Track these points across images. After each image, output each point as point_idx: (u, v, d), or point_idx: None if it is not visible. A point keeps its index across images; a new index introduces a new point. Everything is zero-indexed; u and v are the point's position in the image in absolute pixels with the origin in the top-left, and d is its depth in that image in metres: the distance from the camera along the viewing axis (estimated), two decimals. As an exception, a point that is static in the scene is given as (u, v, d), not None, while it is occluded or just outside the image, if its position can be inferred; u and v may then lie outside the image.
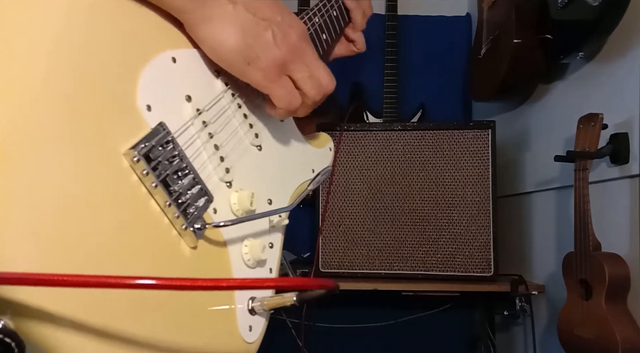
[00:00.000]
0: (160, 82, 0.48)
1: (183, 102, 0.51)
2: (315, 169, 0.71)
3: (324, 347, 1.62)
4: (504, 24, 1.43)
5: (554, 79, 1.38)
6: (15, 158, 0.34)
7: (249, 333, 0.53)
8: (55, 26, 0.39)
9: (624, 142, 1.05)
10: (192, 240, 0.48)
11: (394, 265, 1.37)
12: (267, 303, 0.53)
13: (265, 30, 0.53)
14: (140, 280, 0.33)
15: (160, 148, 0.46)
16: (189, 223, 0.48)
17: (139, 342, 0.40)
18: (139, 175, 0.44)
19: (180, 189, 0.47)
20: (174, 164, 0.47)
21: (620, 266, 1.02)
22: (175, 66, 0.50)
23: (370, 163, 1.40)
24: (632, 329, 0.99)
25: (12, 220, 0.34)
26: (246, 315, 0.53)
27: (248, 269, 0.56)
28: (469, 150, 1.37)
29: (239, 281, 0.43)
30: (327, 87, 0.60)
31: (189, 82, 0.52)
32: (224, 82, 0.57)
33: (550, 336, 1.33)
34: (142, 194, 0.44)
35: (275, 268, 0.60)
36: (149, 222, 0.45)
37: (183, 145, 0.49)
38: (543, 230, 1.44)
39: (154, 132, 0.46)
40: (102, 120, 0.41)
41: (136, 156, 0.43)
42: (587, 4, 1.04)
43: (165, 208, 0.46)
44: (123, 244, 0.41)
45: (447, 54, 1.92)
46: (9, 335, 0.32)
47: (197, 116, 0.52)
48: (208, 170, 0.52)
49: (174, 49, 0.51)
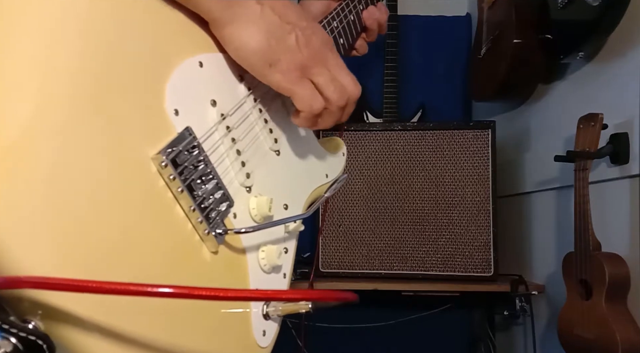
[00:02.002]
0: (187, 87, 0.48)
1: (208, 107, 0.51)
2: (328, 174, 0.71)
3: (324, 347, 1.62)
4: (504, 24, 1.43)
5: (554, 79, 1.38)
6: (41, 159, 0.34)
7: (262, 338, 0.53)
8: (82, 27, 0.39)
9: (624, 142, 1.05)
10: (214, 244, 0.48)
11: (394, 265, 1.37)
12: (282, 309, 0.53)
13: (289, 33, 0.53)
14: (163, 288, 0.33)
15: (187, 152, 0.46)
16: (211, 227, 0.48)
17: (161, 347, 0.40)
18: (166, 180, 0.44)
19: (204, 194, 0.48)
20: (199, 170, 0.47)
21: (620, 266, 1.02)
22: (201, 71, 0.51)
23: (370, 163, 1.40)
24: (632, 329, 0.99)
25: (37, 224, 0.33)
26: (260, 320, 0.53)
27: (264, 274, 0.56)
28: (469, 150, 1.37)
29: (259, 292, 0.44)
30: (352, 93, 0.59)
31: (214, 87, 0.52)
32: (247, 87, 0.57)
33: (550, 336, 1.33)
34: (168, 199, 0.44)
35: (289, 273, 0.61)
36: (174, 227, 0.45)
37: (208, 150, 0.49)
38: (543, 230, 1.44)
39: (180, 136, 0.46)
40: (130, 123, 0.41)
41: (164, 161, 0.43)
42: (587, 4, 1.04)
43: (190, 212, 0.46)
44: (148, 249, 0.41)
45: (447, 54, 1.92)
46: (41, 337, 0.32)
47: (222, 121, 0.52)
48: (230, 175, 0.53)
49: (201, 53, 0.51)
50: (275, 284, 0.58)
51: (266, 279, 0.56)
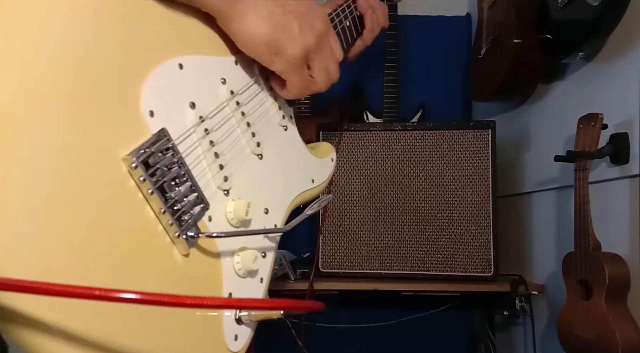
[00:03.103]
0: (165, 89, 0.48)
1: (186, 109, 0.51)
2: (315, 179, 0.70)
3: (324, 347, 1.62)
4: (504, 24, 1.43)
5: (554, 79, 1.38)
6: (6, 156, 0.34)
7: (234, 343, 0.53)
8: (58, 25, 0.38)
9: (624, 142, 1.05)
10: (184, 247, 0.48)
11: (394, 265, 1.37)
12: (255, 314, 0.53)
13: (291, 22, 0.57)
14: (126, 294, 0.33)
15: (160, 154, 0.46)
16: (182, 230, 0.47)
17: (122, 349, 0.40)
18: (136, 181, 0.44)
19: (177, 196, 0.47)
20: (172, 171, 0.47)
21: (620, 266, 1.02)
22: (181, 73, 0.51)
23: (370, 163, 1.40)
24: (632, 329, 0.99)
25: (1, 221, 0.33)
26: (233, 324, 0.53)
27: (239, 278, 0.55)
28: (469, 150, 1.37)
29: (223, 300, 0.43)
30: (333, 79, 0.66)
31: (194, 89, 0.52)
32: (230, 90, 0.57)
33: (550, 336, 1.33)
34: (138, 200, 0.44)
35: (266, 278, 0.60)
36: (143, 228, 0.44)
37: (183, 152, 0.49)
38: (543, 230, 1.44)
39: (154, 138, 0.46)
40: (103, 123, 0.41)
41: (134, 162, 0.43)
42: (587, 4, 1.04)
43: (160, 215, 0.46)
44: (115, 249, 0.41)
45: (447, 54, 1.91)
46: None
47: (200, 124, 0.52)
48: (207, 178, 0.52)
49: (182, 55, 0.51)
50: (251, 289, 0.57)
51: (241, 283, 0.55)
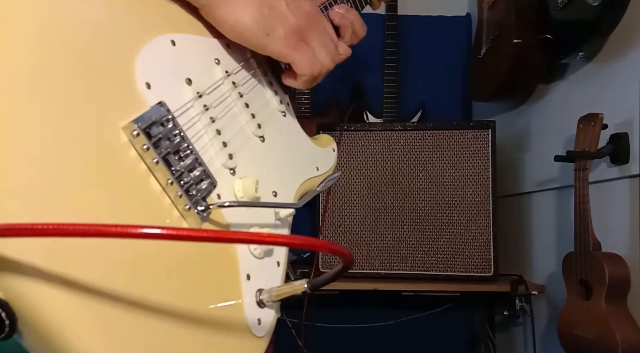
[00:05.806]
0: (160, 62, 0.47)
1: (183, 84, 0.50)
2: (319, 167, 0.69)
3: (324, 347, 1.62)
4: (504, 24, 1.43)
5: (554, 79, 1.38)
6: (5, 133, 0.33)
7: (258, 327, 0.50)
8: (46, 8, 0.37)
9: (624, 142, 1.05)
10: (196, 221, 0.45)
11: (394, 265, 1.37)
12: (276, 293, 0.50)
13: (279, 1, 0.55)
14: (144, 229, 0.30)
15: (161, 125, 0.44)
16: (192, 203, 0.45)
17: None
18: (138, 150, 0.41)
19: (182, 169, 0.45)
20: (175, 143, 0.45)
21: (620, 266, 1.02)
22: (174, 49, 0.50)
23: (370, 163, 1.40)
24: (632, 329, 0.99)
25: None
26: (254, 308, 0.50)
27: (255, 259, 0.53)
28: (469, 150, 1.37)
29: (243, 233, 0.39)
30: (340, 57, 0.63)
31: (188, 66, 0.51)
32: (225, 71, 0.56)
33: (550, 336, 1.33)
34: (141, 171, 0.41)
35: (282, 262, 0.57)
36: (147, 201, 0.42)
37: (184, 125, 0.47)
38: (543, 230, 1.44)
39: (153, 110, 0.44)
40: (99, 98, 0.40)
41: (136, 130, 0.41)
42: (587, 4, 1.04)
43: (167, 186, 0.43)
44: None
45: (447, 54, 1.92)
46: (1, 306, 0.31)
47: (198, 99, 0.50)
48: (210, 154, 0.50)
49: (175, 32, 0.50)
50: (269, 270, 0.55)
51: (258, 265, 0.53)
